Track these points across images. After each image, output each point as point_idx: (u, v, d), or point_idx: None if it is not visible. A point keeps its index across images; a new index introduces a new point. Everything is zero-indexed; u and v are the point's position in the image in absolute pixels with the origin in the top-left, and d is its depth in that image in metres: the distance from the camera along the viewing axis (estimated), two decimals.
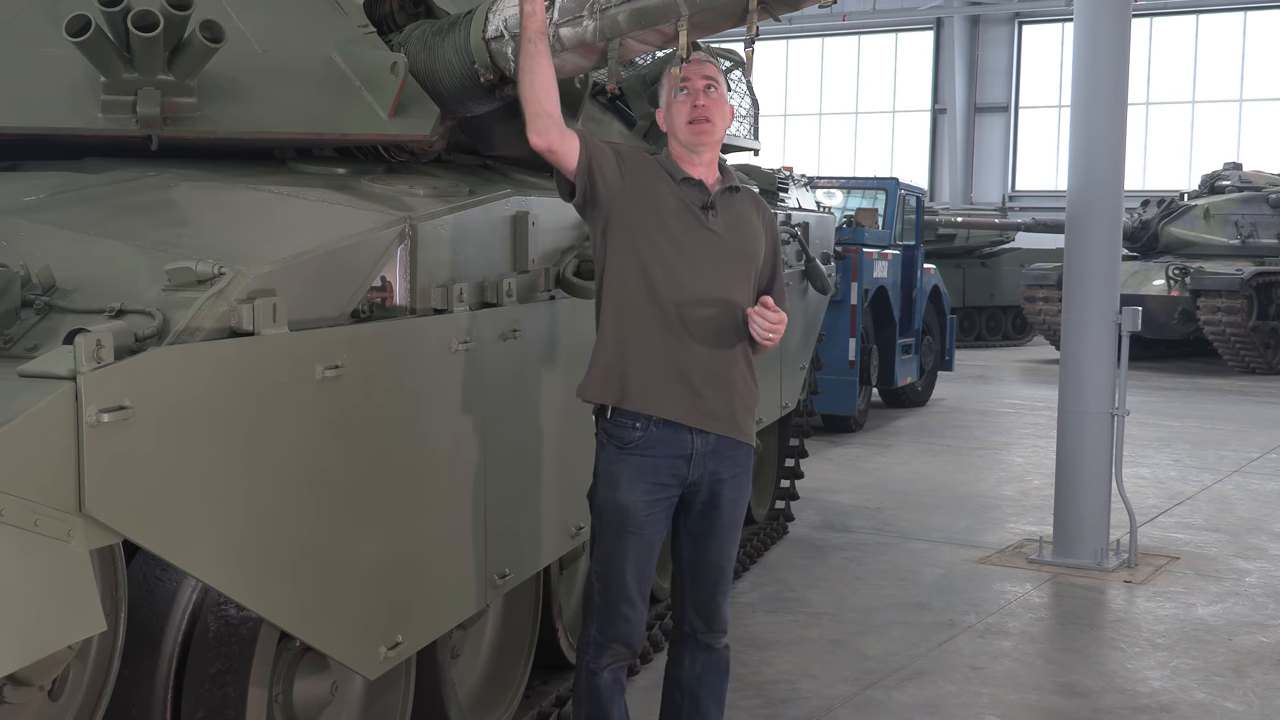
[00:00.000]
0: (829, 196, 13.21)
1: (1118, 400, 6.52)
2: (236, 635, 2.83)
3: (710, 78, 3.34)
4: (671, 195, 3.33)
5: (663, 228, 3.30)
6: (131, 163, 3.34)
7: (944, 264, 17.38)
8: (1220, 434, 11.38)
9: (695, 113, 3.32)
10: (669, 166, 3.38)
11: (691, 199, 3.34)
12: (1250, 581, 6.43)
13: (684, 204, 3.33)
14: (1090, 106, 6.58)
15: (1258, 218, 17.70)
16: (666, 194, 3.33)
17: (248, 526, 2.50)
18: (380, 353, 2.93)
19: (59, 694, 2.54)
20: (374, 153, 3.78)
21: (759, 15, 3.07)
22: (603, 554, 3.41)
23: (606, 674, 3.44)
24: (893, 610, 5.81)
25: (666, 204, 3.32)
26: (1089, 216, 6.57)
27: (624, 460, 3.34)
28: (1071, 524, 6.61)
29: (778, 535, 7.06)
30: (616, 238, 3.31)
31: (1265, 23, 26.59)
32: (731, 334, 3.35)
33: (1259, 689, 4.88)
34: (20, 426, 2.01)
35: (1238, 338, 16.46)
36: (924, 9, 28.97)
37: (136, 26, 3.14)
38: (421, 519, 3.14)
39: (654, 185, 3.33)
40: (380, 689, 3.38)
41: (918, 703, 4.67)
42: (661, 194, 3.32)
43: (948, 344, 13.53)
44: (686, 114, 3.33)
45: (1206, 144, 26.33)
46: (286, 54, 3.59)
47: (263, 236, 2.87)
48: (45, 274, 2.44)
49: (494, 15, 3.50)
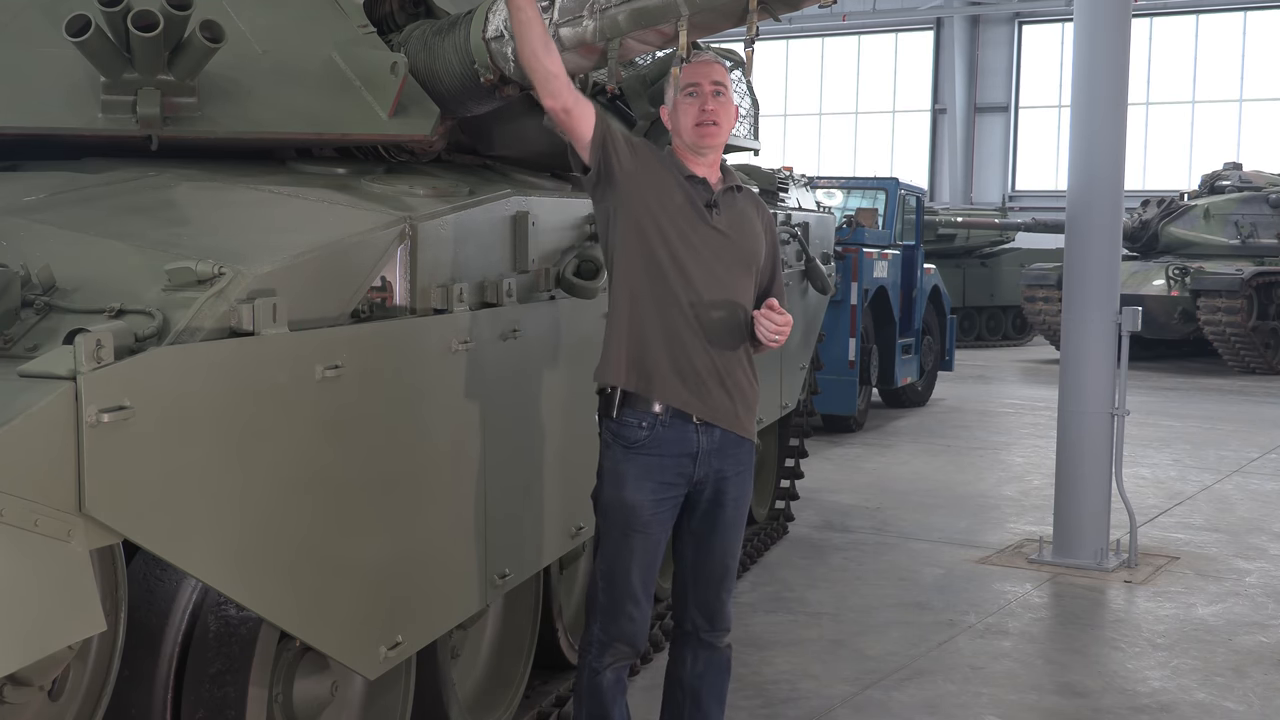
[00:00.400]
0: (829, 196, 13.21)
1: (1118, 400, 6.52)
2: (236, 635, 2.83)
3: (719, 82, 3.35)
4: (678, 190, 3.34)
5: (672, 222, 3.31)
6: (131, 163, 3.34)
7: (944, 264, 17.38)
8: (1220, 434, 11.38)
9: (703, 116, 3.33)
10: (675, 162, 3.40)
11: (696, 196, 3.36)
12: (1250, 581, 6.43)
13: (689, 200, 3.34)
14: (1090, 106, 6.58)
15: (1258, 218, 17.70)
16: (674, 188, 3.34)
17: (248, 526, 2.50)
18: (380, 353, 2.93)
19: (59, 694, 2.54)
20: (374, 153, 3.78)
21: (759, 15, 3.07)
22: (608, 553, 3.41)
23: (609, 673, 3.44)
24: (893, 610, 5.81)
25: (675, 198, 3.33)
26: (1089, 216, 6.57)
27: (630, 459, 3.34)
28: (1071, 524, 6.61)
29: (778, 535, 7.06)
30: (625, 226, 3.32)
31: (1265, 23, 26.58)
32: (737, 332, 3.37)
33: (1259, 689, 4.88)
34: (20, 426, 2.01)
35: (1238, 338, 16.46)
36: (924, 9, 28.97)
37: (136, 26, 3.14)
38: (421, 519, 3.14)
39: (663, 177, 3.34)
40: (380, 689, 3.38)
41: (918, 703, 4.67)
42: (669, 186, 3.34)
43: (948, 344, 13.53)
44: (694, 116, 3.34)
45: (1206, 144, 26.33)
46: (286, 54, 3.59)
47: (263, 236, 2.87)
48: (45, 274, 2.44)
49: (494, 15, 3.50)
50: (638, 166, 3.31)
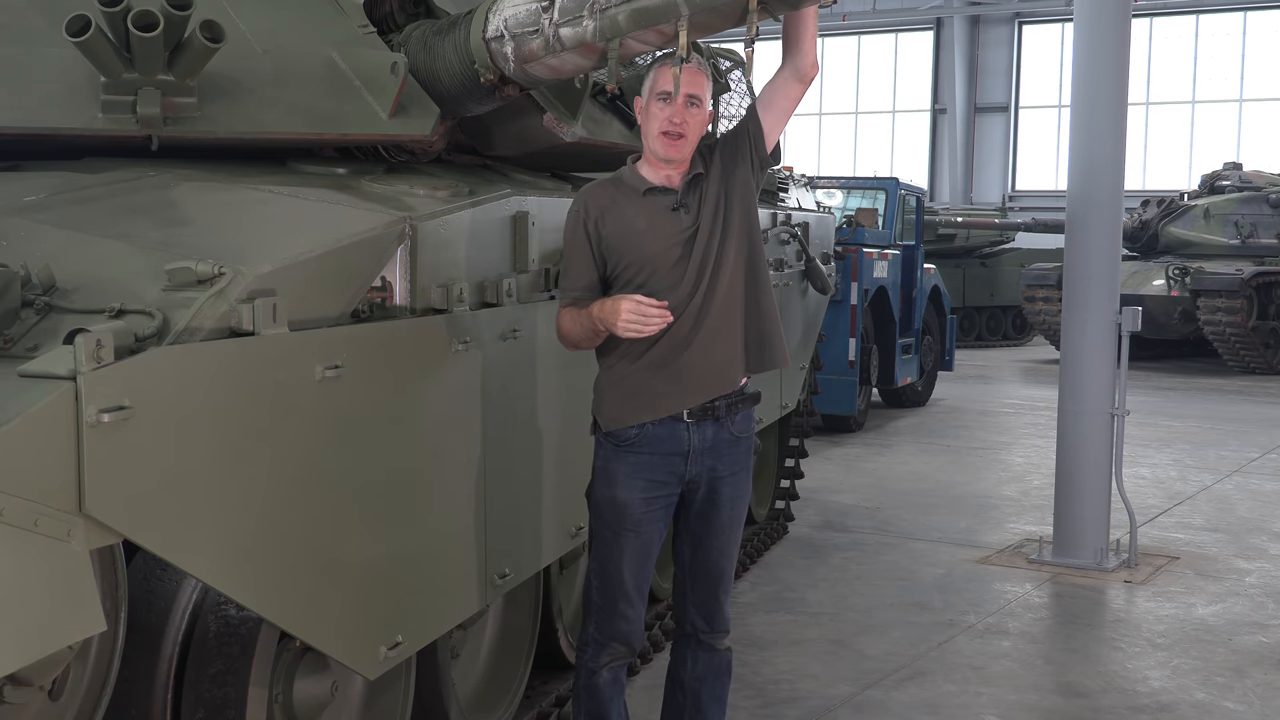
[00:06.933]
0: (829, 196, 13.20)
1: (1118, 400, 6.52)
2: (236, 635, 2.83)
3: (695, 96, 3.30)
4: (640, 216, 3.33)
5: (642, 250, 3.31)
6: (131, 163, 3.34)
7: (944, 264, 17.38)
8: (1220, 434, 11.38)
9: (670, 126, 3.28)
10: (633, 182, 3.37)
11: (661, 207, 3.34)
12: (1250, 581, 6.43)
13: (653, 218, 3.32)
14: (1090, 106, 6.58)
15: (1258, 218, 17.69)
16: (634, 217, 3.33)
17: (248, 526, 2.50)
18: (380, 353, 2.93)
19: (59, 694, 2.54)
20: (374, 153, 3.78)
21: (759, 15, 3.06)
22: (601, 552, 3.41)
23: (606, 673, 3.45)
24: (893, 610, 5.81)
25: (636, 226, 3.32)
26: (1089, 216, 6.57)
27: (621, 458, 3.35)
28: (1071, 524, 6.61)
29: (778, 535, 7.06)
30: (613, 279, 3.35)
31: (1265, 23, 26.58)
32: (730, 324, 3.35)
33: (1259, 689, 4.88)
34: (20, 426, 2.01)
35: (1238, 338, 16.46)
36: (924, 9, 28.97)
37: (136, 26, 3.14)
38: (421, 519, 3.14)
39: (621, 219, 3.32)
40: (380, 689, 3.38)
41: (918, 703, 4.67)
42: (629, 218, 3.33)
43: (948, 344, 13.53)
44: (663, 125, 3.29)
45: (1206, 144, 26.33)
46: (286, 54, 3.59)
47: (263, 236, 2.87)
48: (45, 274, 2.44)
49: (494, 15, 3.50)
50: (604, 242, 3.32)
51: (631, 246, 3.31)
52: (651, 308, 3.19)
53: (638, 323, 3.18)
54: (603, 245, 3.33)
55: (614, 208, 3.34)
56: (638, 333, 3.20)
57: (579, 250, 3.35)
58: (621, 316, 3.18)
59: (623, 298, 3.22)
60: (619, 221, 3.32)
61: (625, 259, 3.32)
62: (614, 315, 3.19)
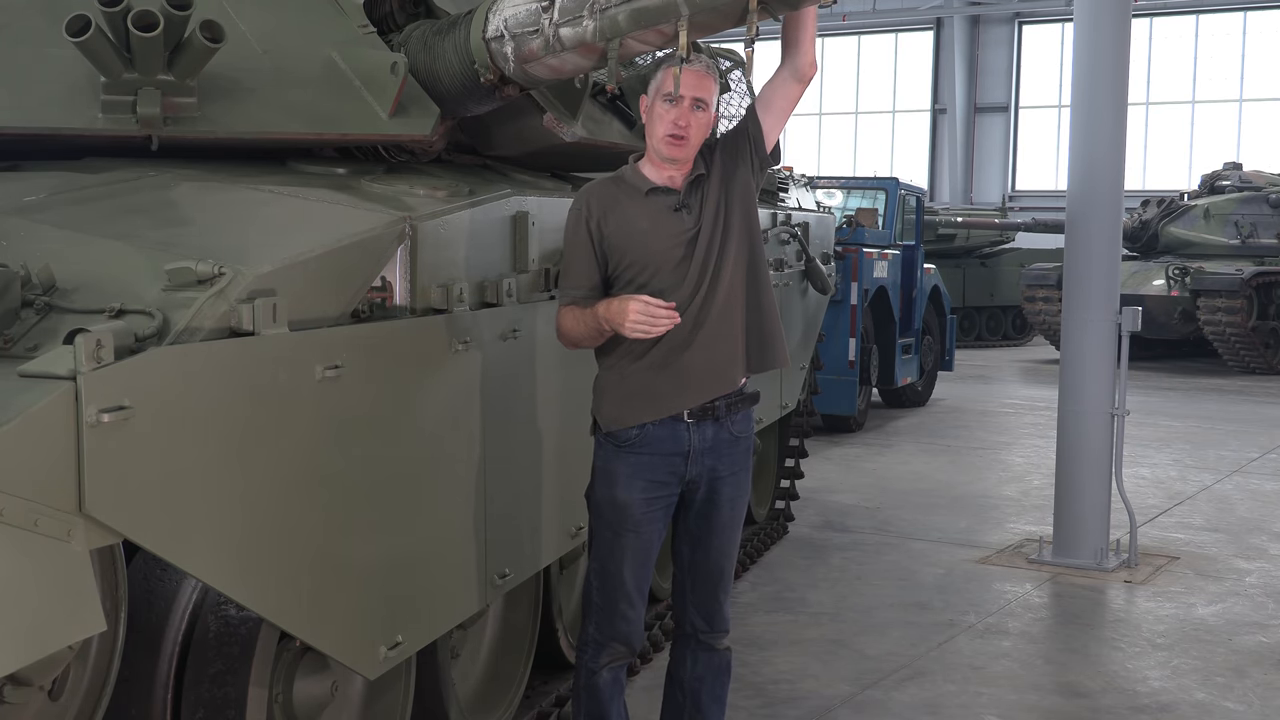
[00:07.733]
0: (829, 196, 13.19)
1: (1118, 400, 6.52)
2: (236, 635, 2.83)
3: (702, 100, 3.29)
4: (642, 216, 3.32)
5: (645, 250, 3.30)
6: (131, 163, 3.34)
7: (944, 264, 17.37)
8: (1220, 434, 11.38)
9: (675, 128, 3.27)
10: (635, 181, 3.36)
11: (663, 207, 3.34)
12: (1250, 581, 6.43)
13: (655, 218, 3.32)
14: (1090, 106, 6.58)
15: (1258, 218, 17.69)
16: (636, 216, 3.32)
17: (247, 526, 2.50)
18: (380, 353, 2.93)
19: (59, 694, 2.54)
20: (374, 153, 3.78)
21: (759, 15, 3.06)
22: (600, 552, 3.41)
23: (606, 673, 3.45)
24: (893, 610, 5.81)
25: (638, 225, 3.31)
26: (1089, 216, 6.57)
27: (621, 458, 3.35)
28: (1071, 524, 6.61)
29: (778, 535, 7.06)
30: (614, 279, 3.35)
31: (1265, 23, 26.58)
32: (731, 325, 3.35)
33: (1259, 689, 4.88)
34: (20, 426, 2.01)
35: (1238, 338, 16.45)
36: (924, 9, 28.97)
37: (136, 26, 3.14)
38: (421, 519, 3.14)
39: (623, 219, 3.32)
40: (380, 689, 3.38)
41: (918, 703, 4.67)
42: (632, 217, 3.32)
43: (948, 344, 13.53)
44: (667, 127, 3.29)
45: (1206, 144, 26.32)
46: (286, 54, 3.59)
47: (263, 236, 2.87)
48: (45, 274, 2.44)
49: (494, 15, 3.50)
50: (606, 241, 3.32)
51: (634, 246, 3.31)
52: (660, 309, 3.18)
53: (646, 323, 3.18)
54: (605, 244, 3.33)
55: (616, 207, 3.34)
56: (645, 333, 3.20)
57: (580, 249, 3.35)
58: (629, 317, 3.18)
59: (631, 298, 3.21)
60: (621, 221, 3.32)
61: (627, 259, 3.32)
62: (621, 316, 3.19)
